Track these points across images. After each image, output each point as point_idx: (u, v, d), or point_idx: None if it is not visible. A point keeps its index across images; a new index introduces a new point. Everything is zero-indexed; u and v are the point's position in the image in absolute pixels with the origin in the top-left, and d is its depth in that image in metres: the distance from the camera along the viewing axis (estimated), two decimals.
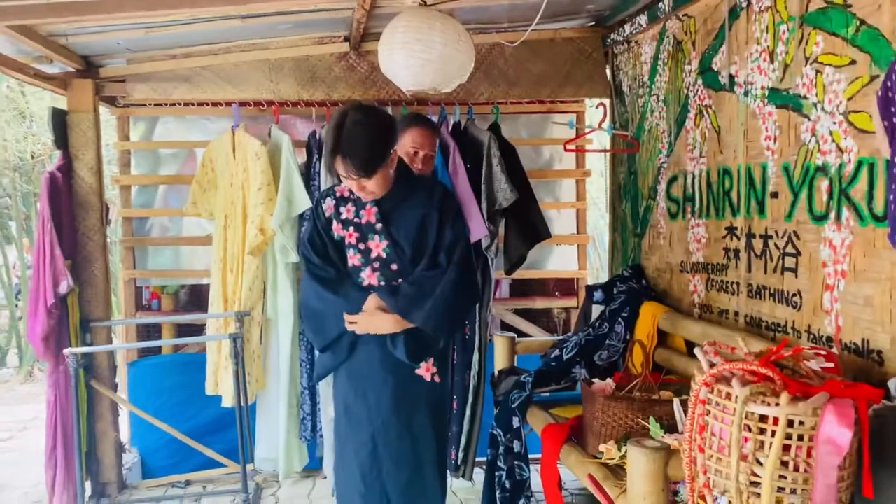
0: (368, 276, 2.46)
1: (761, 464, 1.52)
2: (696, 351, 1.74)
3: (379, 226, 2.43)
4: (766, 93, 2.48)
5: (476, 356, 3.52)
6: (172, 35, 3.35)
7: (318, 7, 3.05)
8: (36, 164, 7.91)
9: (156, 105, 3.99)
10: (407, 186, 2.47)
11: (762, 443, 1.52)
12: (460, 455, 3.57)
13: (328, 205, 2.50)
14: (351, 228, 2.46)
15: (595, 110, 3.86)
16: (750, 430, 1.53)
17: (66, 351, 3.34)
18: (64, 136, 3.59)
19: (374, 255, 2.44)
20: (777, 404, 1.49)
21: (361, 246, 2.44)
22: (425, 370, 2.47)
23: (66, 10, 2.48)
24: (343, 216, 2.47)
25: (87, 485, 3.64)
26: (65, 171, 3.57)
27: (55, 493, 3.53)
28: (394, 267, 2.46)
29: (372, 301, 2.39)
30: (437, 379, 2.49)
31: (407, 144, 2.94)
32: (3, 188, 8.47)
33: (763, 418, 1.52)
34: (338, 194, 2.51)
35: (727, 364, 1.62)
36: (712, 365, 1.66)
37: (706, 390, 1.61)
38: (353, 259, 2.46)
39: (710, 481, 1.59)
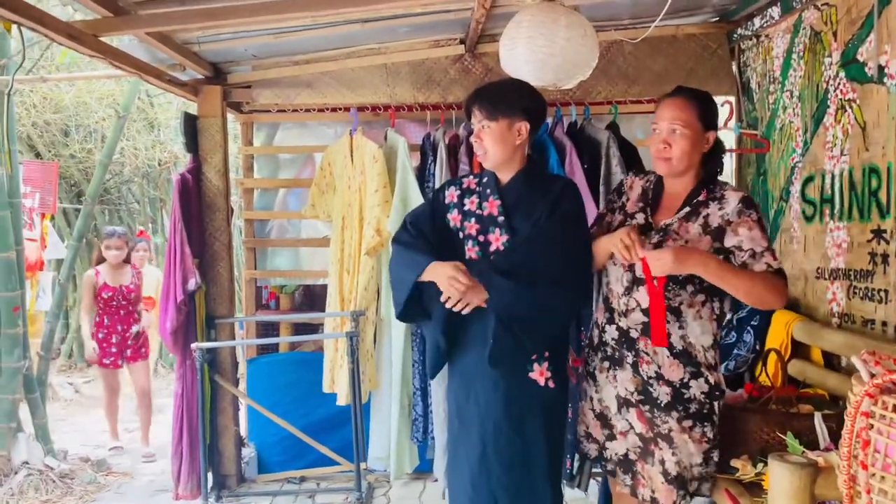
0: None
1: None
2: (854, 359, 1.60)
3: (501, 219, 2.36)
4: None
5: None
6: (296, 41, 3.45)
7: (439, 9, 3.06)
8: (162, 171, 8.39)
9: (278, 111, 4.12)
10: (533, 182, 2.39)
11: None
12: (575, 465, 3.46)
13: (451, 192, 2.46)
14: (472, 220, 2.39)
15: (720, 109, 3.68)
16: None
17: (193, 345, 3.49)
18: (194, 140, 3.77)
19: (492, 248, 2.38)
20: None
21: (481, 238, 2.38)
22: (539, 374, 2.37)
23: (203, 17, 2.60)
24: (466, 207, 2.41)
25: (209, 476, 3.78)
26: (194, 173, 3.75)
27: (180, 483, 3.70)
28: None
29: (451, 268, 2.26)
30: (551, 384, 2.38)
31: None
32: (133, 194, 9.03)
33: None
34: (464, 185, 2.46)
35: (892, 374, 1.47)
36: (873, 375, 1.51)
37: (869, 402, 1.47)
38: (471, 251, 2.40)
39: (873, 501, 1.45)
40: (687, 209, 2.19)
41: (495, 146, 2.31)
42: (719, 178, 2.27)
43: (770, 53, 3.40)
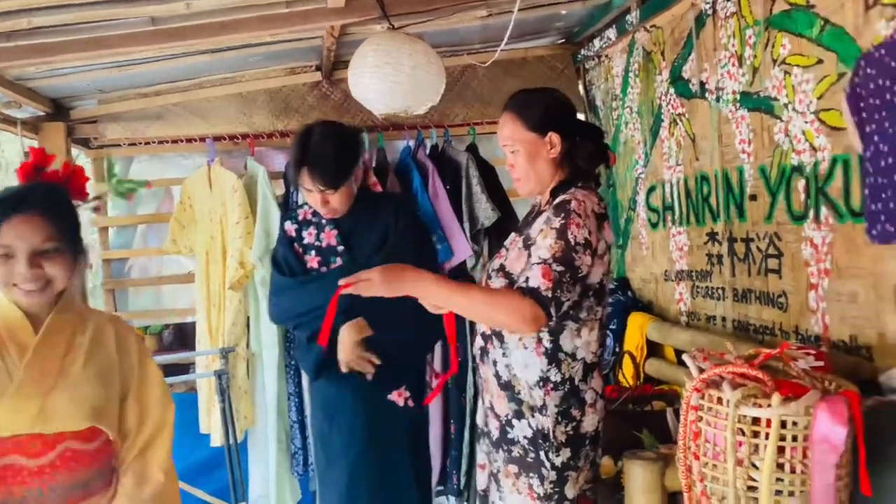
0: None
1: (757, 468, 1.50)
2: (685, 357, 1.72)
3: (340, 248, 2.40)
4: (738, 97, 2.49)
5: (470, 378, 3.48)
6: (143, 73, 3.34)
7: (288, 37, 3.05)
8: None
9: (130, 145, 3.95)
10: (366, 205, 2.43)
11: (757, 446, 1.50)
12: (462, 479, 3.51)
13: (289, 227, 2.49)
14: (312, 252, 2.43)
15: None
16: (744, 433, 1.50)
17: None
18: None
19: None
20: (769, 406, 1.47)
21: (324, 269, 2.41)
22: (397, 395, 2.41)
23: (33, 53, 2.47)
24: (305, 240, 2.44)
25: None
26: None
27: None
28: None
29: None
30: (410, 403, 2.43)
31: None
32: None
33: (756, 421, 1.49)
34: (300, 218, 2.48)
35: (716, 368, 1.60)
36: (701, 370, 1.64)
37: (697, 396, 1.59)
38: None
39: (707, 489, 1.57)
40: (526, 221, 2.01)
41: (341, 204, 2.37)
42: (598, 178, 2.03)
43: (611, 72, 3.62)
